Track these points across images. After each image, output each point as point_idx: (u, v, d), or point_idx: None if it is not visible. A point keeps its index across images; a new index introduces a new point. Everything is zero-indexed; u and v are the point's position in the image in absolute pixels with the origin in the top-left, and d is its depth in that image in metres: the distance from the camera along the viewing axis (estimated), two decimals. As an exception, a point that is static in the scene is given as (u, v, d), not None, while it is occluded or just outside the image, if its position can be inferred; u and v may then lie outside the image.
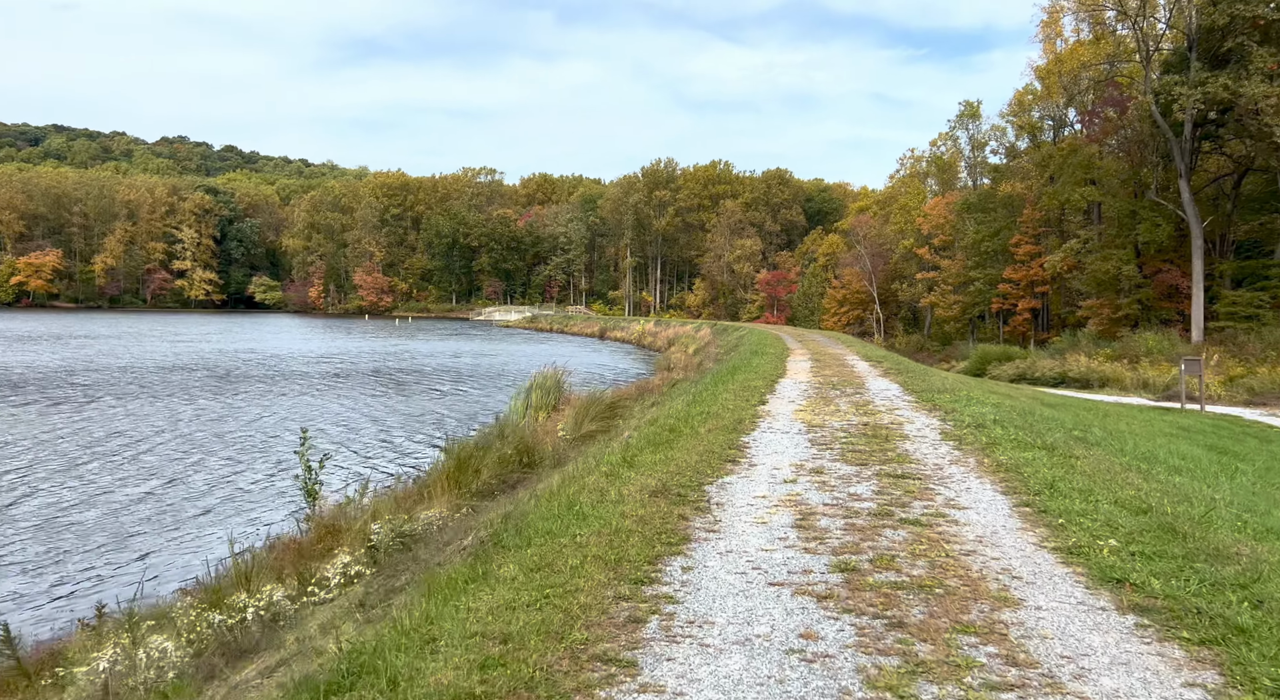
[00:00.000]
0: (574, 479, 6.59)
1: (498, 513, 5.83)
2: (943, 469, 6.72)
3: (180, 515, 11.68)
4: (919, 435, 8.50)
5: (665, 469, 6.56)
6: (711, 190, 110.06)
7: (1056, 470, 6.37)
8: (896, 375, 15.82)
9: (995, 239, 55.33)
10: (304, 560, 7.59)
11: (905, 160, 73.42)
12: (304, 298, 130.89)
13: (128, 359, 40.79)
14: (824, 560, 4.31)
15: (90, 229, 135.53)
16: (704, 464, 6.83)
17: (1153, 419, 17.77)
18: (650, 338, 58.70)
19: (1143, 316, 43.04)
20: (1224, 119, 37.87)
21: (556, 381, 15.92)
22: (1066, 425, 9.62)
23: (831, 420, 9.61)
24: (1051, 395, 22.32)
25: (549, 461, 10.97)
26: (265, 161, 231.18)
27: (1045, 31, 52.66)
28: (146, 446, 17.67)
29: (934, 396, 11.88)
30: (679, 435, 8.64)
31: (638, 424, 10.66)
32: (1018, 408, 11.43)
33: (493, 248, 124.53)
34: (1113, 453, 7.69)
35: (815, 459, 7.20)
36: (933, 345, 58.93)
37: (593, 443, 11.26)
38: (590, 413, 12.14)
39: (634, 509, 5.25)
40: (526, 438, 10.99)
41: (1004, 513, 5.30)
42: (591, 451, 9.52)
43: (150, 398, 26.13)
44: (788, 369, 17.27)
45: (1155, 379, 28.83)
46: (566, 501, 5.52)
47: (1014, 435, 8.20)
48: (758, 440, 8.23)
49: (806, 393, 12.55)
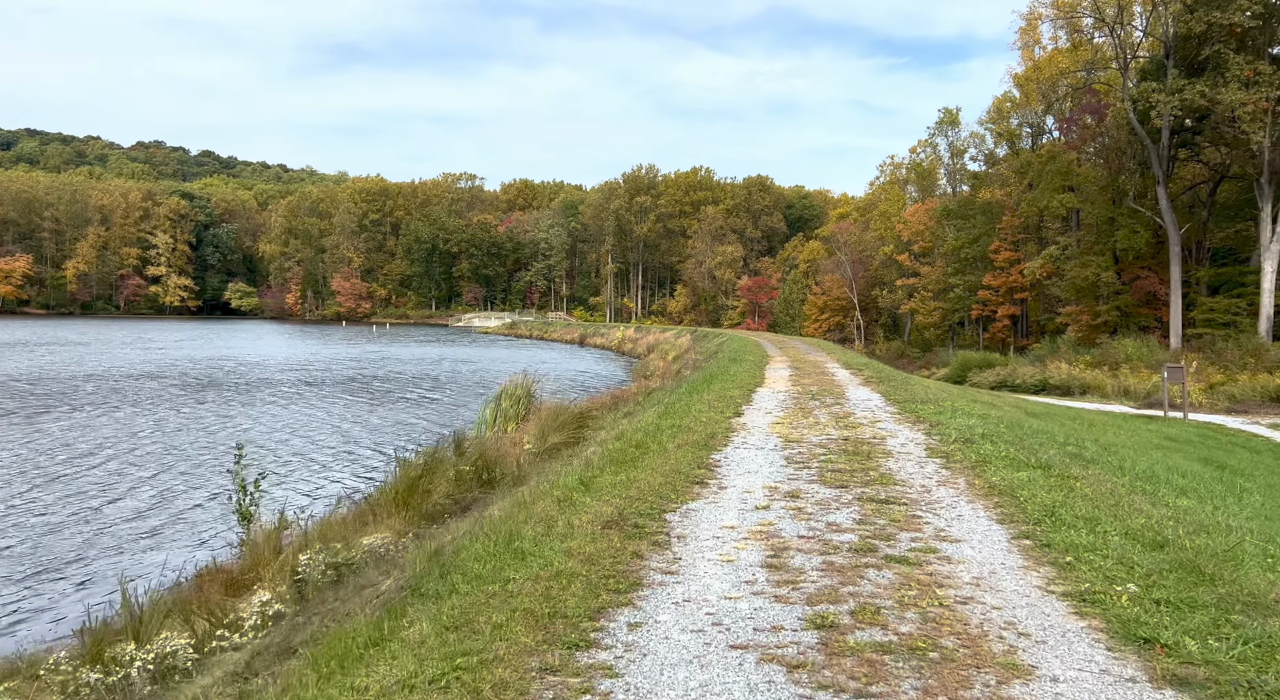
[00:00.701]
0: (523, 505, 5.91)
1: (428, 547, 5.15)
2: (930, 492, 6.11)
3: (107, 542, 10.82)
4: (903, 451, 7.90)
5: (625, 493, 5.90)
6: (693, 196, 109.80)
7: (1055, 494, 5.78)
8: (878, 384, 15.25)
9: (975, 246, 55.29)
10: (227, 595, 6.84)
11: (885, 167, 73.46)
12: (281, 304, 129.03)
13: (92, 367, 39.52)
14: (797, 612, 3.66)
15: (62, 234, 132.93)
16: (669, 486, 6.18)
17: (1139, 429, 17.36)
18: (630, 344, 58.07)
19: (1121, 323, 43.04)
20: (1200, 126, 37.94)
21: (527, 390, 15.19)
22: (1058, 439, 9.07)
23: (810, 434, 9.00)
24: (1034, 403, 21.92)
25: (511, 478, 10.27)
26: (243, 167, 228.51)
27: (1024, 38, 52.78)
28: (91, 462, 16.73)
29: (917, 407, 11.32)
30: (645, 452, 7.98)
31: (604, 438, 9.99)
32: (1005, 419, 10.90)
33: (473, 253, 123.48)
34: (1112, 472, 7.12)
35: (791, 480, 6.56)
36: (913, 352, 58.76)
37: (557, 457, 10.58)
38: (557, 424, 11.45)
39: (582, 545, 4.58)
40: (487, 453, 10.28)
41: (1002, 546, 4.69)
42: (553, 469, 8.84)
43: (109, 408, 25.09)
44: (766, 377, 16.67)
45: (1136, 386, 28.60)
46: (507, 535, 4.83)
47: (1005, 451, 7.62)
48: (730, 458, 7.59)
49: (784, 403, 11.95)
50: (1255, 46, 34.71)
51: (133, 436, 20.15)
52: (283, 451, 18.78)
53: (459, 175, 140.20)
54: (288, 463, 17.35)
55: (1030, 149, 54.27)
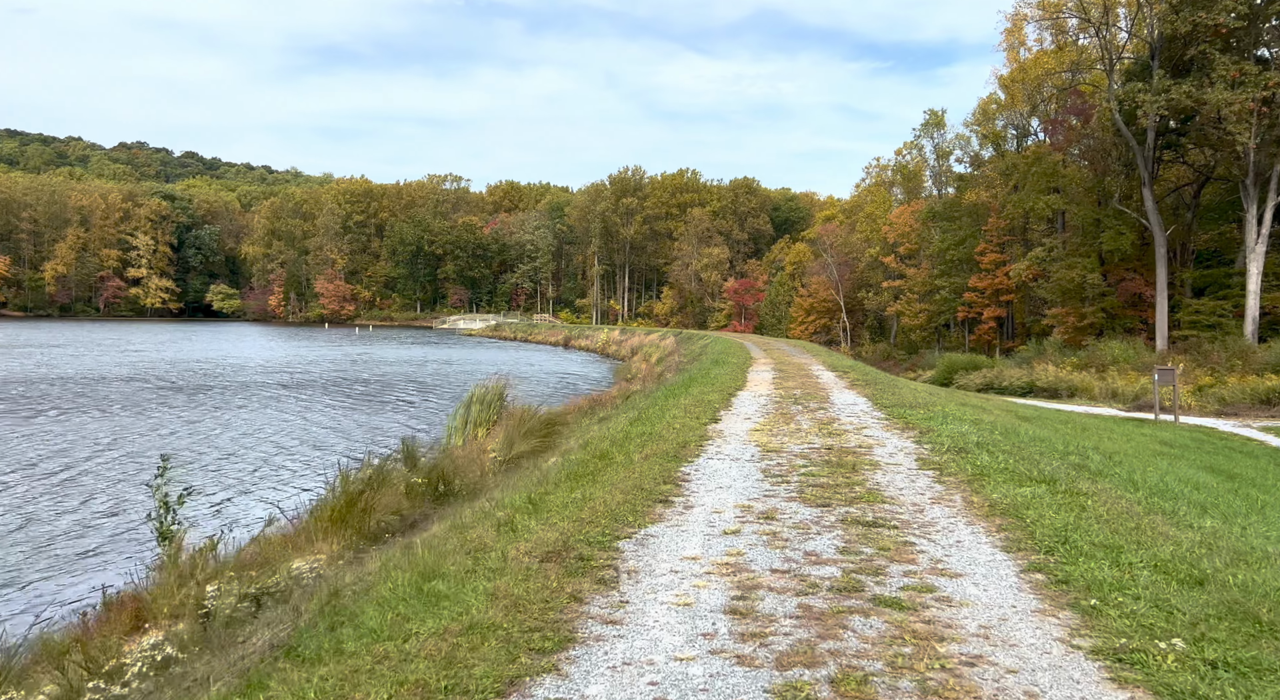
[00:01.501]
0: (459, 530, 5.14)
1: (323, 591, 4.36)
2: (924, 511, 5.39)
3: (36, 563, 9.94)
4: (892, 462, 7.19)
5: (577, 514, 5.15)
6: (679, 199, 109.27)
7: (1066, 514, 5.07)
8: (864, 387, 14.55)
9: (960, 248, 54.96)
10: (133, 630, 6.03)
11: (871, 169, 73.15)
12: (264, 306, 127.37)
13: (64, 370, 38.34)
14: (764, 681, 2.91)
15: (40, 235, 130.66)
16: (628, 506, 5.43)
17: (1132, 433, 16.80)
18: (615, 346, 57.34)
19: (1107, 325, 42.79)
20: (1185, 128, 37.72)
21: (499, 394, 14.38)
22: (1058, 448, 8.40)
23: (790, 443, 8.27)
24: (1023, 407, 21.37)
25: (469, 491, 9.47)
26: (227, 168, 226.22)
27: (1009, 39, 52.52)
28: (41, 471, 15.79)
29: (906, 412, 10.63)
30: (609, 463, 7.23)
31: (568, 448, 9.21)
32: (999, 425, 10.23)
33: (458, 255, 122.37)
34: (1122, 486, 6.44)
35: (767, 497, 5.82)
36: (899, 354, 58.37)
37: (519, 469, 9.81)
38: (524, 431, 10.67)
39: (512, 584, 3.82)
40: (444, 463, 9.49)
41: (1010, 582, 3.97)
42: (512, 481, 8.08)
43: (73, 412, 24.06)
44: (748, 380, 15.96)
45: (1124, 388, 28.16)
46: (425, 571, 4.06)
47: (1003, 462, 6.92)
48: (701, 470, 6.85)
49: (765, 408, 11.22)
50: (1241, 47, 34.47)
51: (94, 443, 19.20)
52: (250, 457, 17.90)
53: (444, 176, 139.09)
54: (252, 470, 16.48)
55: (1016, 151, 54.03)
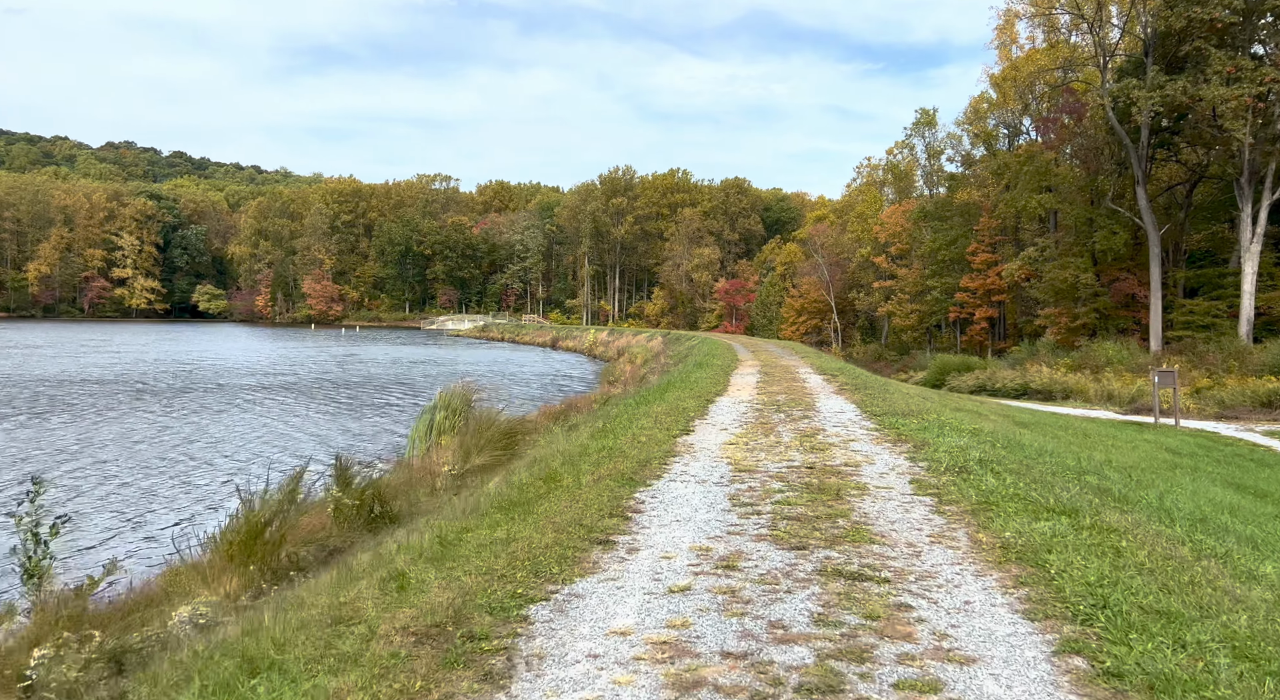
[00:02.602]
0: (342, 583, 4.12)
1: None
2: (921, 555, 4.40)
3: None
4: (883, 486, 6.20)
5: (490, 563, 4.13)
6: (670, 199, 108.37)
7: (1097, 560, 4.07)
8: (853, 393, 13.55)
9: (952, 248, 54.24)
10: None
11: (862, 169, 72.44)
12: (250, 306, 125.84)
13: (38, 371, 37.09)
14: None
15: (23, 235, 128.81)
16: (557, 550, 4.41)
17: (1135, 440, 15.88)
18: (602, 348, 56.36)
19: (1100, 325, 42.13)
20: (1179, 126, 37.07)
21: (466, 400, 13.34)
22: (1069, 464, 7.42)
23: (767, 460, 7.27)
24: (1020, 411, 20.46)
25: (412, 510, 8.43)
26: (216, 168, 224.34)
27: (1000, 37, 51.77)
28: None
29: (898, 422, 9.65)
30: (554, 487, 6.21)
31: (517, 466, 8.17)
32: (999, 436, 9.26)
33: (447, 255, 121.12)
34: (1154, 516, 5.45)
35: (731, 535, 4.82)
36: (890, 354, 57.58)
37: (470, 486, 8.78)
38: (482, 442, 9.65)
39: (360, 684, 2.79)
40: (382, 481, 8.44)
41: (1043, 676, 2.95)
42: (447, 507, 7.05)
43: (32, 416, 22.89)
44: (731, 384, 14.98)
45: (1120, 390, 27.35)
46: (252, 658, 3.02)
47: (1012, 486, 5.94)
48: (660, 496, 5.83)
49: (745, 416, 10.22)
50: (1236, 42, 33.81)
51: (57, 451, 18.07)
52: (192, 468, 16.80)
53: (433, 176, 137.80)
54: (203, 484, 15.39)
55: (1007, 150, 53.37)
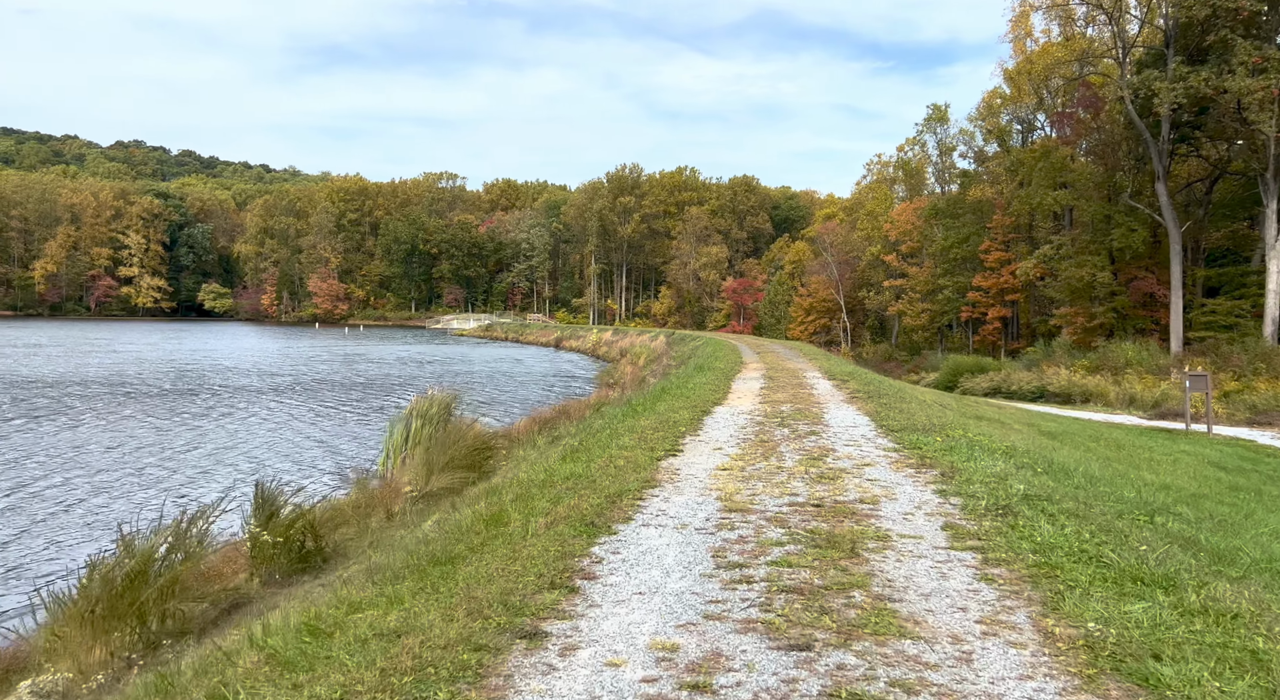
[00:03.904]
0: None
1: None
2: (973, 661, 3.23)
3: None
4: (909, 533, 5.13)
5: (360, 674, 3.05)
6: (677, 197, 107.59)
7: (1232, 674, 3.03)
8: (865, 401, 12.66)
9: (964, 246, 53.31)
10: None
11: (873, 166, 71.45)
12: (256, 305, 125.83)
13: (27, 372, 36.78)
14: None
15: (30, 233, 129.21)
16: (460, 651, 3.26)
17: (1173, 451, 14.75)
18: (605, 348, 55.72)
19: (1118, 325, 41.15)
20: (1201, 120, 36.09)
21: (445, 407, 12.69)
22: (1129, 495, 6.38)
23: (765, 494, 6.29)
24: (1042, 417, 19.63)
25: (363, 542, 7.68)
26: (224, 167, 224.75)
27: (1015, 30, 50.71)
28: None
29: (919, 439, 8.66)
30: (497, 533, 5.27)
31: (468, 496, 7.39)
32: (1038, 457, 8.18)
33: (453, 254, 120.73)
34: (1272, 582, 4.53)
35: (710, 620, 3.66)
36: (901, 355, 56.67)
37: (433, 508, 8.12)
38: (447, 459, 8.95)
39: None
40: (315, 513, 7.56)
41: None
42: (402, 538, 6.39)
43: (41, 419, 22.47)
44: (731, 391, 14.27)
45: (1142, 394, 26.44)
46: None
47: (1074, 536, 4.81)
48: (623, 551, 4.73)
49: (743, 432, 9.50)
50: (1263, 32, 32.80)
51: (19, 457, 17.60)
52: (155, 495, 16.29)
53: (440, 175, 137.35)
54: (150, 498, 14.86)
55: (1021, 146, 52.36)
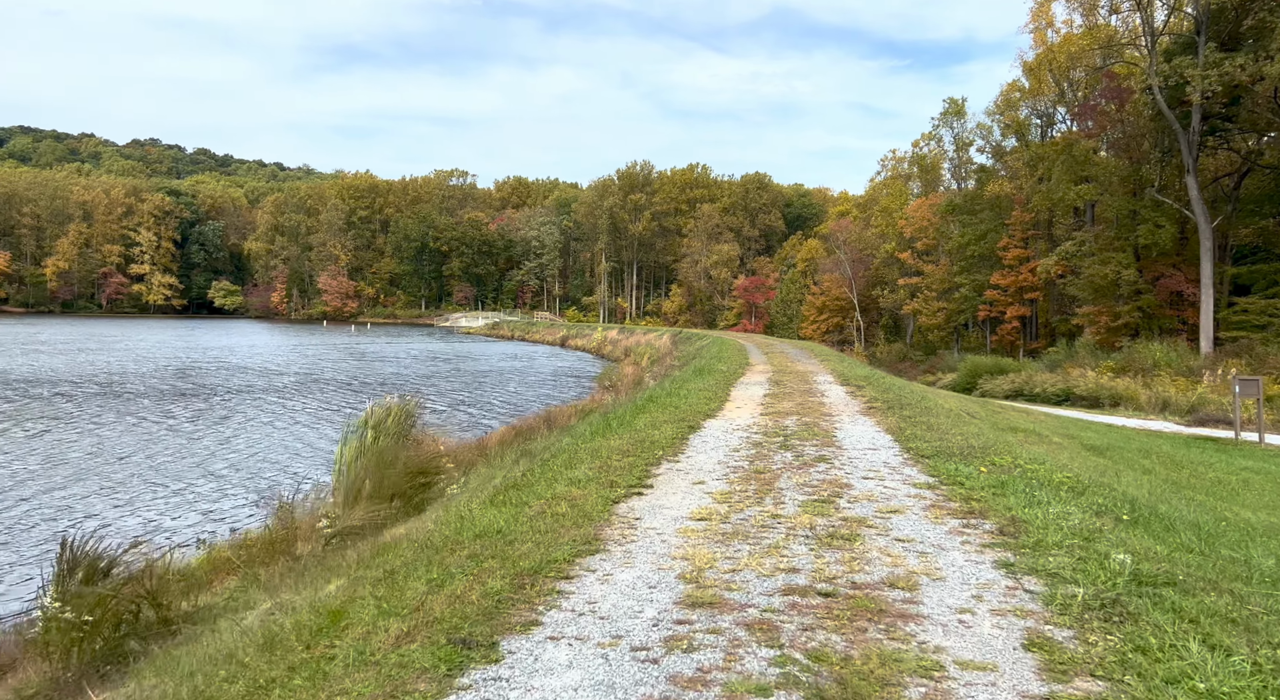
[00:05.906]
0: None
1: None
2: None
3: None
4: (971, 658, 3.27)
5: None
6: (689, 194, 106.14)
7: None
8: (885, 413, 10.91)
9: (981, 243, 51.59)
10: None
11: (887, 161, 69.74)
12: (266, 303, 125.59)
13: (22, 372, 36.00)
14: None
15: (42, 230, 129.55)
16: None
17: (1236, 467, 12.80)
18: (610, 346, 54.49)
19: (1144, 325, 39.39)
20: (1232, 111, 34.34)
21: (407, 415, 11.42)
22: (1268, 569, 4.67)
23: (752, 568, 4.40)
24: (1076, 424, 18.17)
25: (239, 601, 6.29)
26: (239, 165, 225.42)
27: (1035, 20, 48.96)
28: None
29: (958, 470, 6.84)
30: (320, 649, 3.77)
31: (337, 565, 5.98)
32: (1117, 494, 6.36)
33: (463, 252, 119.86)
34: None
35: None
36: (916, 354, 55.00)
37: (335, 557, 6.85)
38: (372, 487, 7.62)
39: None
40: (161, 568, 6.03)
41: None
42: (215, 637, 5.11)
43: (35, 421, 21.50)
44: (730, 399, 12.93)
45: (1176, 398, 24.81)
46: None
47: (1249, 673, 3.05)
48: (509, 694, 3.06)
49: (735, 457, 8.01)
50: (1302, 16, 31.05)
51: None
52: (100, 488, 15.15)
53: (450, 172, 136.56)
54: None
55: (1041, 140, 50.58)
